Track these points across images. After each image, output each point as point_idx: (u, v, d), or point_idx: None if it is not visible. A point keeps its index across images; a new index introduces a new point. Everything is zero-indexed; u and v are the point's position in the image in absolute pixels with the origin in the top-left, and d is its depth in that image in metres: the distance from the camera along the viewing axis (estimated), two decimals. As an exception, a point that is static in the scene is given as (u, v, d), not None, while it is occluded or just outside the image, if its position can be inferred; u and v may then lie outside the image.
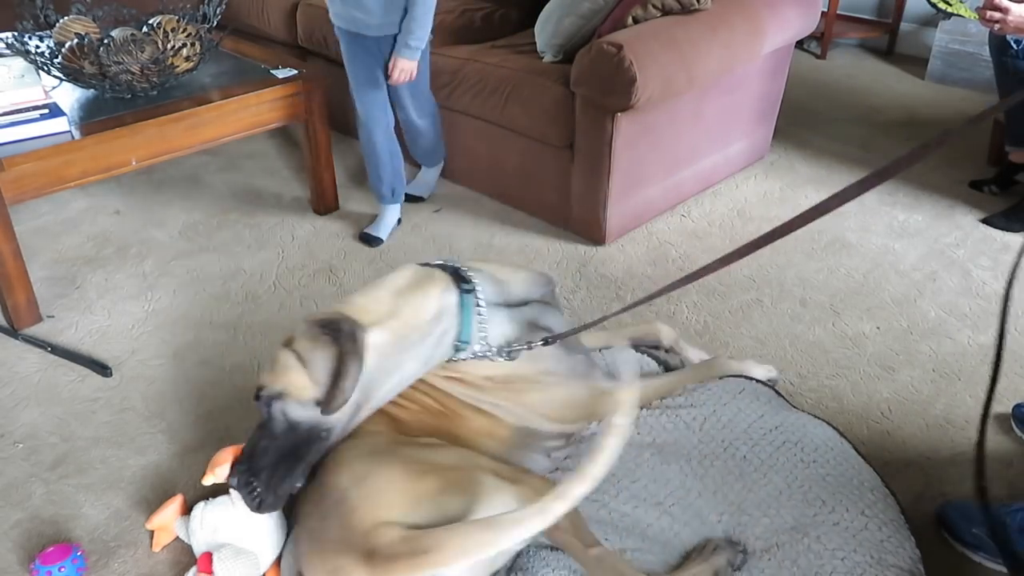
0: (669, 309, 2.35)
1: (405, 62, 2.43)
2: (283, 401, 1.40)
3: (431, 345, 1.50)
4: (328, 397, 1.37)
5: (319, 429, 1.41)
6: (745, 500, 1.61)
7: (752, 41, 2.66)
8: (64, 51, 2.36)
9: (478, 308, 1.55)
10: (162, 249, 2.69)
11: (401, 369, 1.47)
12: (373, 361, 1.41)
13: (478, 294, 1.55)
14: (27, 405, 2.02)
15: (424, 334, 1.49)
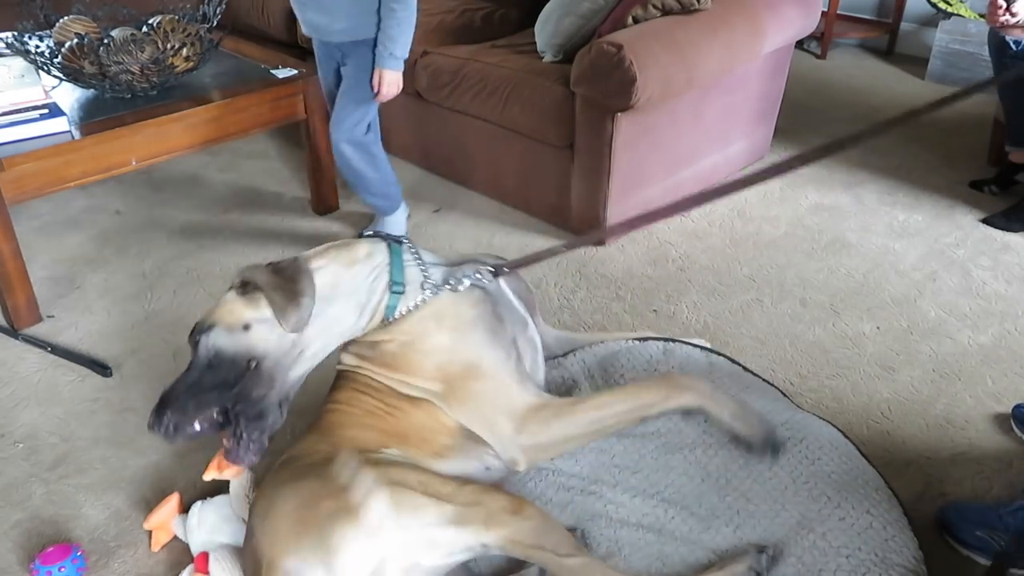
0: (669, 309, 2.35)
1: (391, 74, 2.26)
2: (210, 333, 1.42)
3: (364, 291, 1.53)
4: (287, 312, 1.41)
5: (244, 357, 1.40)
6: (751, 491, 1.61)
7: (752, 41, 2.66)
8: (64, 51, 2.36)
9: (414, 253, 1.61)
10: (162, 249, 2.69)
11: (338, 320, 1.50)
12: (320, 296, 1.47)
13: (413, 248, 1.62)
14: (27, 405, 2.02)
15: (355, 278, 1.53)
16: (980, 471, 1.78)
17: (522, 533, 1.34)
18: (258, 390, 1.40)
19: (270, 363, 1.42)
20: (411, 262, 1.60)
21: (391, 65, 2.25)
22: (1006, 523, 1.55)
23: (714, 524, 1.58)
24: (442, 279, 1.59)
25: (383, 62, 2.24)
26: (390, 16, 2.17)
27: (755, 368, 2.06)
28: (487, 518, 1.34)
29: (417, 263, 1.60)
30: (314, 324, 1.46)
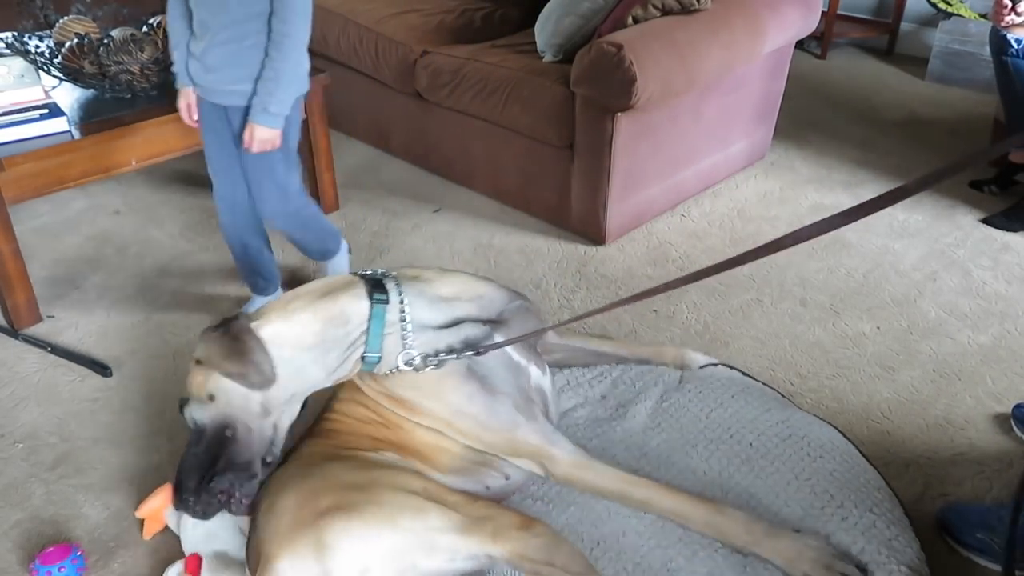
0: (669, 309, 2.35)
1: (264, 131, 1.90)
2: (188, 407, 1.44)
3: (337, 353, 1.46)
4: (247, 375, 1.39)
5: (222, 427, 1.41)
6: (752, 487, 1.62)
7: (752, 41, 2.66)
8: (64, 51, 2.36)
9: (403, 323, 1.48)
10: (162, 249, 2.69)
11: (306, 375, 1.45)
12: (274, 354, 1.41)
13: (403, 306, 1.49)
14: (27, 405, 2.02)
15: (326, 339, 1.44)
16: (980, 471, 1.78)
17: (531, 549, 1.33)
18: (242, 456, 1.41)
19: (243, 427, 1.42)
20: (393, 330, 1.48)
21: (265, 121, 1.89)
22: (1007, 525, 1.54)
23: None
24: (422, 357, 1.48)
25: (256, 116, 1.89)
26: (268, 67, 1.87)
27: (755, 368, 2.07)
28: (495, 530, 1.34)
29: (400, 331, 1.48)
30: (279, 379, 1.42)
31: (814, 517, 1.55)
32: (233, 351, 1.39)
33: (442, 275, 1.62)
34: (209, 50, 1.90)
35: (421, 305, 1.52)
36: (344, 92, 3.28)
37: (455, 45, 2.96)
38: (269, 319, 1.44)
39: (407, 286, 1.53)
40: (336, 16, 3.22)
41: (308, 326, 1.44)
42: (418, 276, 1.59)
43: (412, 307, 1.50)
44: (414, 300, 1.51)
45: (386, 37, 3.03)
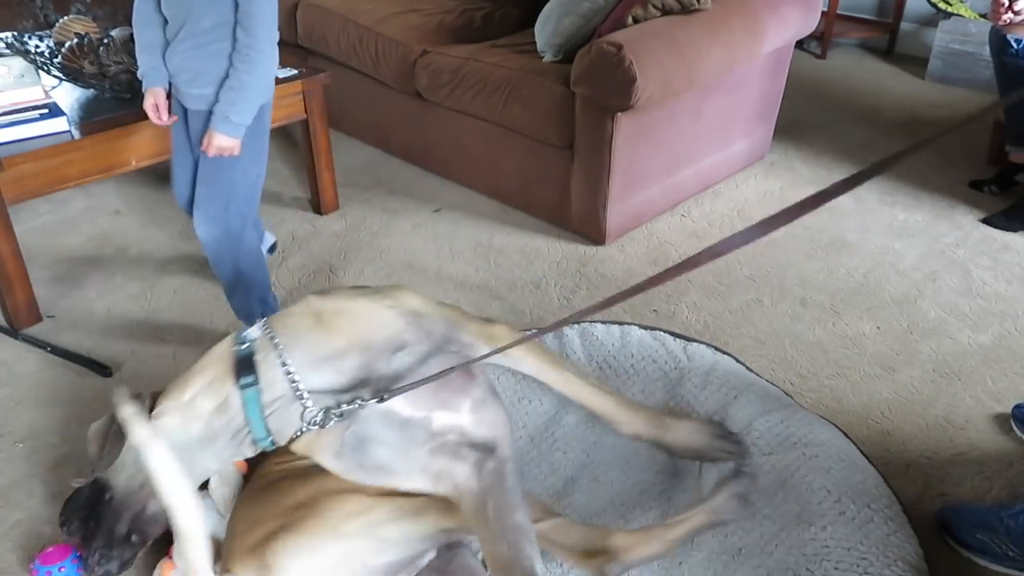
0: (669, 309, 2.35)
1: (223, 138, 1.90)
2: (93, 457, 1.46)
3: (224, 441, 1.40)
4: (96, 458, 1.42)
5: (104, 488, 1.42)
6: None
7: (752, 41, 2.66)
8: (64, 51, 2.36)
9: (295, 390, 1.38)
10: (162, 249, 2.69)
11: (194, 464, 1.40)
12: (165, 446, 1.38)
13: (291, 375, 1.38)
14: (27, 405, 2.02)
15: (212, 429, 1.40)
16: (980, 471, 1.78)
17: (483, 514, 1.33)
18: (108, 523, 1.41)
19: (117, 501, 1.42)
20: (279, 403, 1.38)
21: (225, 130, 1.90)
22: (1007, 526, 1.55)
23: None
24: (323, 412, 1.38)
25: (217, 124, 1.90)
26: (233, 77, 1.88)
27: (755, 368, 2.07)
28: (446, 506, 1.34)
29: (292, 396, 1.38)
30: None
31: (812, 512, 1.55)
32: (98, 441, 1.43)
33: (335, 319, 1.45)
34: (174, 54, 1.94)
35: (308, 369, 1.40)
36: (344, 92, 3.28)
37: (455, 45, 2.96)
38: (167, 408, 1.41)
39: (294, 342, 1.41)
40: (336, 16, 3.22)
41: (197, 417, 1.40)
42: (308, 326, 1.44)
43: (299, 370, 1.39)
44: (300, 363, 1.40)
45: (386, 37, 3.03)
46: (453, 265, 2.59)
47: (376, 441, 1.40)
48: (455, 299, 2.41)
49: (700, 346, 2.02)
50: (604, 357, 1.99)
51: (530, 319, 2.31)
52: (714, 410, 1.82)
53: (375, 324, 1.45)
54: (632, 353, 1.99)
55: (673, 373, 1.94)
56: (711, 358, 1.98)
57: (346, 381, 1.40)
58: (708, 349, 2.01)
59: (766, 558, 1.50)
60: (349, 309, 1.47)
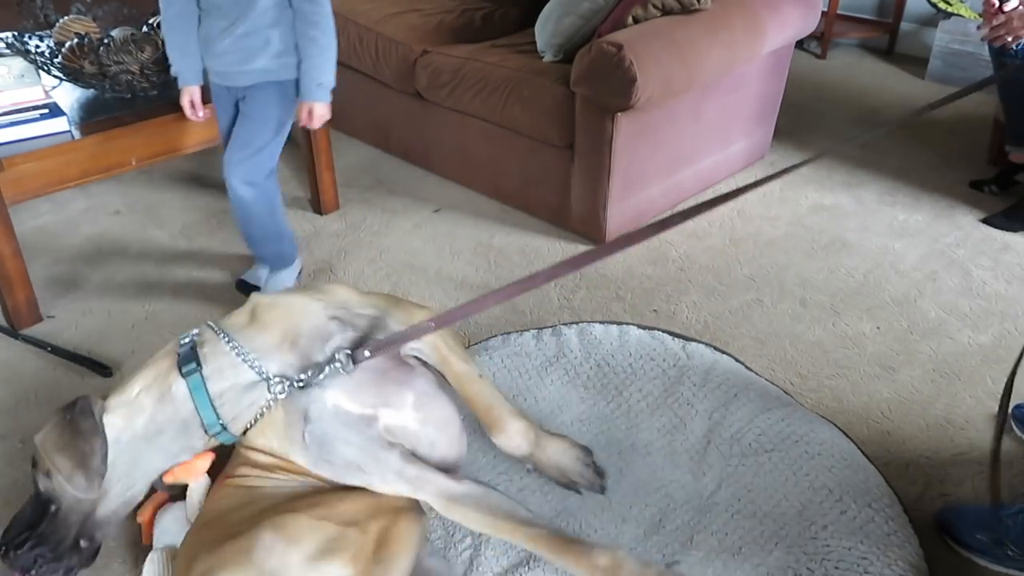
0: (669, 309, 2.35)
1: (320, 106, 2.11)
2: (34, 469, 1.43)
3: (171, 434, 1.42)
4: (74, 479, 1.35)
5: (48, 501, 1.40)
6: (752, 484, 1.63)
7: (752, 41, 2.66)
8: (64, 51, 2.36)
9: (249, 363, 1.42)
10: (162, 249, 2.69)
11: (141, 462, 1.42)
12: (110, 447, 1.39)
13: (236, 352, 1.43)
14: (28, 405, 2.02)
15: (156, 421, 1.42)
16: (980, 471, 1.78)
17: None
18: (57, 533, 1.39)
19: (65, 510, 1.40)
20: (228, 391, 1.42)
21: (319, 96, 2.09)
22: (1007, 526, 1.55)
23: (713, 510, 1.59)
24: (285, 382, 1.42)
25: (311, 94, 2.08)
26: (311, 45, 2.03)
27: (755, 368, 2.07)
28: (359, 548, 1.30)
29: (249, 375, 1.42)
30: (112, 471, 1.39)
31: (812, 511, 1.56)
32: (70, 449, 1.37)
33: (267, 312, 1.50)
34: (228, 38, 2.03)
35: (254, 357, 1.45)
36: (344, 92, 3.25)
37: (455, 45, 2.96)
38: (112, 406, 1.42)
39: (236, 336, 1.46)
40: (336, 16, 3.18)
41: (142, 411, 1.41)
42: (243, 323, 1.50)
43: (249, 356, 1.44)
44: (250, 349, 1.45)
45: (386, 37, 3.03)
46: (453, 265, 2.59)
47: (339, 440, 1.42)
48: (455, 299, 2.41)
49: (699, 346, 2.02)
50: (602, 356, 2.00)
51: (530, 319, 2.31)
52: (714, 408, 1.83)
53: (302, 316, 1.50)
54: (630, 352, 2.00)
55: (672, 371, 1.94)
56: (710, 357, 1.99)
57: (289, 371, 1.44)
58: (707, 349, 2.02)
59: (766, 556, 1.50)
60: (282, 303, 1.53)
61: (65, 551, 1.40)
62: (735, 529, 1.56)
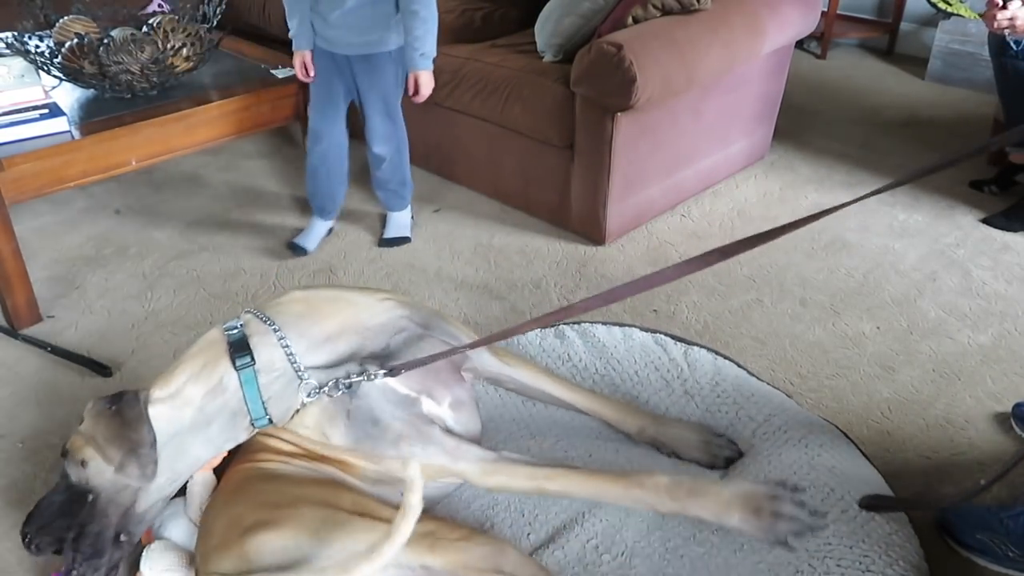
0: (669, 309, 2.35)
1: (426, 74, 2.34)
2: (65, 458, 1.41)
3: (219, 424, 1.41)
4: (126, 467, 1.35)
5: (85, 492, 1.38)
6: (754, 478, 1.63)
7: (752, 41, 2.66)
8: (64, 51, 2.36)
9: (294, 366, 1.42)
10: (162, 249, 2.69)
11: (185, 454, 1.42)
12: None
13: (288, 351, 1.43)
14: (27, 405, 2.02)
15: (206, 413, 1.41)
16: (980, 471, 1.78)
17: (474, 558, 1.31)
18: (93, 525, 1.38)
19: (104, 501, 1.38)
20: (276, 382, 1.42)
21: (424, 65, 2.31)
22: (1007, 526, 1.55)
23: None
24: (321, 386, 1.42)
25: (416, 64, 2.30)
26: (413, 18, 2.22)
27: (755, 368, 2.07)
28: (433, 542, 1.31)
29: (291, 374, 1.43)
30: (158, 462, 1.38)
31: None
32: (119, 438, 1.35)
33: (327, 305, 1.51)
34: (346, 13, 2.27)
35: (302, 349, 1.45)
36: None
37: (455, 45, 2.96)
38: (157, 397, 1.40)
39: (287, 326, 1.46)
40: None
41: (189, 403, 1.40)
42: (299, 312, 1.49)
43: (296, 349, 1.43)
44: (295, 343, 1.44)
45: (386, 37, 3.03)
46: (453, 265, 2.59)
47: (385, 413, 1.44)
48: (455, 299, 2.41)
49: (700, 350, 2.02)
50: (606, 359, 1.99)
51: (530, 319, 2.30)
52: (716, 410, 1.82)
53: (371, 311, 1.52)
54: (636, 359, 1.99)
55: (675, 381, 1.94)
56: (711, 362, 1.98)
57: (336, 359, 1.46)
58: (708, 353, 2.02)
59: (766, 554, 1.50)
60: (342, 297, 1.55)
61: (105, 545, 1.38)
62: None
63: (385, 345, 1.50)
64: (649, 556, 1.49)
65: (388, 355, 1.49)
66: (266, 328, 1.45)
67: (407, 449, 1.44)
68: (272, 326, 1.45)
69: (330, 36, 2.34)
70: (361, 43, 2.33)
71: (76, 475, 1.40)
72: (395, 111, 2.49)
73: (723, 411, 1.84)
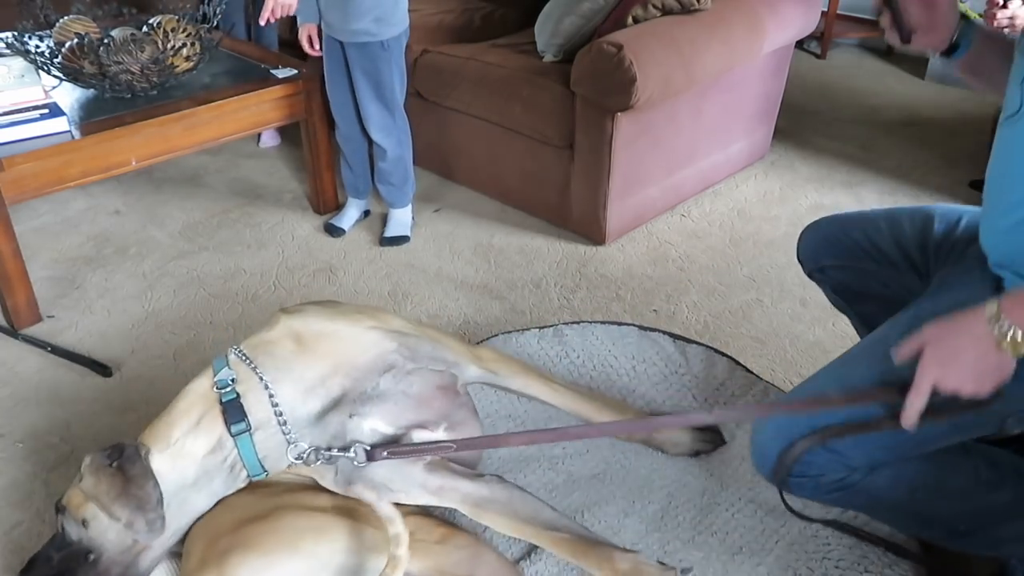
0: (669, 309, 2.35)
1: None
2: (63, 514, 1.38)
3: (220, 479, 1.40)
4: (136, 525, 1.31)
5: (86, 551, 1.35)
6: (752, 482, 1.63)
7: (752, 41, 2.66)
8: (64, 51, 2.36)
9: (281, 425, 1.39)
10: (162, 249, 2.69)
11: (187, 507, 1.39)
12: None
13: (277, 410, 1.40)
14: (27, 405, 2.02)
15: (207, 470, 1.38)
16: (980, 471, 1.78)
17: (450, 563, 1.31)
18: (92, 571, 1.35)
19: (107, 560, 1.35)
20: (269, 434, 1.39)
21: None
22: None
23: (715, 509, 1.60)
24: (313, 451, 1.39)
25: None
26: None
27: (755, 368, 2.07)
28: (411, 545, 1.31)
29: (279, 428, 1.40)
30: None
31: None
32: (125, 496, 1.32)
33: (318, 343, 1.45)
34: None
35: (295, 398, 1.41)
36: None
37: (455, 45, 2.96)
38: (155, 453, 1.37)
39: (279, 371, 1.42)
40: (336, 16, 3.21)
41: (190, 459, 1.37)
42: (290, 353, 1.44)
43: (284, 404, 1.40)
44: (284, 392, 1.41)
45: (386, 37, 3.03)
46: (453, 265, 2.59)
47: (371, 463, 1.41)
48: (455, 299, 2.42)
49: (698, 348, 2.02)
50: (603, 355, 2.00)
51: (530, 319, 2.31)
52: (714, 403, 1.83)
53: (360, 346, 1.46)
54: (632, 355, 2.00)
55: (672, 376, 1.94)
56: (709, 360, 1.98)
57: (329, 403, 1.42)
58: (705, 352, 2.02)
59: (766, 556, 1.50)
60: (332, 332, 1.47)
61: None
62: (736, 528, 1.56)
63: (375, 384, 1.45)
64: (648, 558, 1.49)
65: (378, 395, 1.45)
66: (257, 384, 1.40)
67: (391, 495, 1.42)
68: (263, 381, 1.40)
69: (328, 20, 2.40)
70: (351, 31, 2.36)
71: (76, 533, 1.36)
72: (391, 101, 2.51)
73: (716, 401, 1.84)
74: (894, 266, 1.49)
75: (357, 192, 2.76)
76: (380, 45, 2.39)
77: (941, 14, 1.37)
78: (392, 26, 2.38)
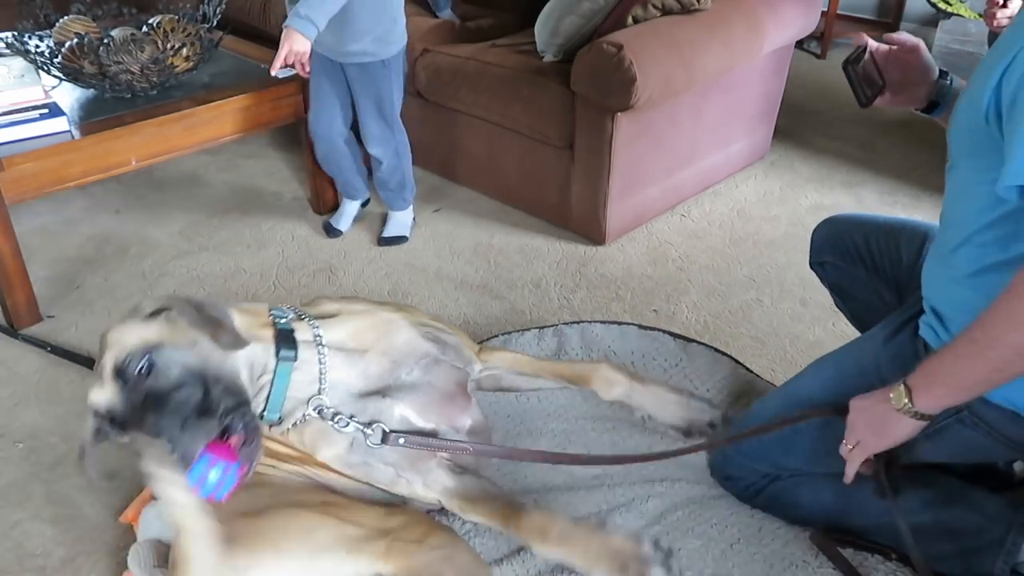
0: (669, 309, 2.35)
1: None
2: (158, 351, 1.26)
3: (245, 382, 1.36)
4: (218, 333, 1.27)
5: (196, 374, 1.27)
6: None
7: (752, 41, 2.66)
8: (64, 51, 2.36)
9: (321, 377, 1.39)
10: (162, 249, 2.69)
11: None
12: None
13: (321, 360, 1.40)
14: (27, 405, 2.02)
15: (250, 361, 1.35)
16: (980, 471, 1.78)
17: (423, 563, 1.30)
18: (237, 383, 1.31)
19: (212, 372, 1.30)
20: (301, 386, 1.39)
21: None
22: None
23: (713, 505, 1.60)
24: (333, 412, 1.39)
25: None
26: None
27: (755, 368, 2.07)
28: (388, 547, 1.31)
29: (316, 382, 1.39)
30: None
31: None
32: (203, 321, 1.28)
33: (363, 316, 1.48)
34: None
35: (338, 362, 1.42)
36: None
37: (455, 45, 2.96)
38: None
39: (326, 331, 1.43)
40: (336, 16, 3.21)
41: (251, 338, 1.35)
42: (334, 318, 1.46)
43: (330, 362, 1.40)
44: (333, 354, 1.41)
45: (386, 37, 3.03)
46: (453, 265, 2.59)
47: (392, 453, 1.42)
48: (455, 299, 2.42)
49: (699, 346, 2.02)
50: (603, 352, 2.00)
51: (530, 319, 2.31)
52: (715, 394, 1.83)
53: (400, 330, 1.49)
54: (632, 351, 2.00)
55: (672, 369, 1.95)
56: (709, 358, 1.99)
57: (366, 387, 1.43)
58: (706, 349, 2.02)
59: (763, 546, 1.51)
60: (375, 312, 1.51)
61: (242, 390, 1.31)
62: (734, 523, 1.57)
63: (410, 370, 1.47)
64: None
65: (412, 382, 1.46)
66: (311, 339, 1.40)
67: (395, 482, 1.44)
68: (317, 341, 1.41)
69: (323, 40, 2.30)
70: (350, 52, 2.34)
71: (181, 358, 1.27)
72: (391, 116, 2.50)
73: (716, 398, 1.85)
74: (882, 279, 1.54)
75: (350, 193, 2.74)
76: (381, 64, 2.37)
77: (917, 73, 1.42)
78: (391, 44, 2.37)
